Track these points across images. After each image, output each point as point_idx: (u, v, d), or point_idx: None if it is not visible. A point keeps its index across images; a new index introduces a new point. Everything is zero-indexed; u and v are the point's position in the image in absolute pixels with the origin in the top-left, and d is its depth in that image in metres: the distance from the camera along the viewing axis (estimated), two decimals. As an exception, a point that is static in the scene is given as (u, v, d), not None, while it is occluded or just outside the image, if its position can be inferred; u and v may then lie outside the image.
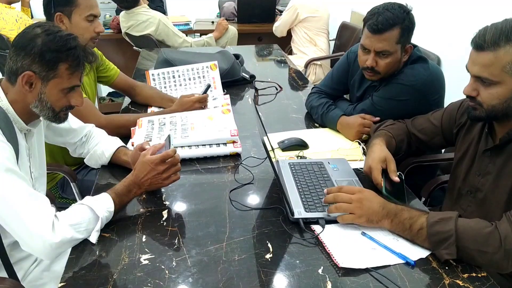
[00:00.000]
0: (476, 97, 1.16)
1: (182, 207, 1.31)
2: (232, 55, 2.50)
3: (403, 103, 1.66)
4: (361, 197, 1.18)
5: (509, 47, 1.07)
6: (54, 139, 1.50)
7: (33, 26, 1.19)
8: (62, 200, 1.90)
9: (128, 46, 3.72)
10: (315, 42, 3.80)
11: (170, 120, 1.73)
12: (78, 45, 1.20)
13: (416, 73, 1.65)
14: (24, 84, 1.15)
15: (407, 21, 1.58)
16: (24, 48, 1.15)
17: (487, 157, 1.27)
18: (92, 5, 1.70)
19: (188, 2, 5.41)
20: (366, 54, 1.64)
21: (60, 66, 1.17)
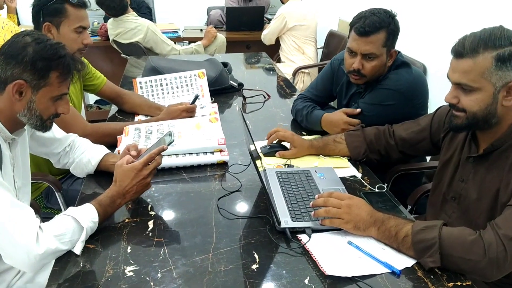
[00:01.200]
0: (457, 105, 1.18)
1: (168, 217, 1.29)
2: (220, 63, 2.50)
3: (389, 108, 1.69)
4: (350, 203, 1.19)
5: (487, 54, 1.10)
6: (38, 149, 1.48)
7: (22, 35, 1.18)
8: (47, 210, 1.87)
9: (116, 53, 3.70)
10: (303, 50, 3.83)
11: (157, 128, 1.72)
12: (67, 53, 1.21)
13: (401, 78, 1.68)
14: (15, 92, 1.14)
15: (392, 25, 1.63)
16: (15, 57, 1.14)
17: (470, 163, 1.28)
18: (82, 17, 1.70)
19: (177, 9, 5.42)
20: (353, 57, 1.67)
21: (51, 74, 1.17)
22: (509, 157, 1.17)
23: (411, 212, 1.70)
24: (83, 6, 1.70)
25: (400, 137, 1.57)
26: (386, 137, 1.59)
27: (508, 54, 1.08)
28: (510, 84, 1.10)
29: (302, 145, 1.61)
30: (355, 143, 1.61)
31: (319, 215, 1.21)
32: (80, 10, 1.69)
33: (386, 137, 1.59)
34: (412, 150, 1.58)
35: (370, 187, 1.45)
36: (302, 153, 1.62)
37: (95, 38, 3.90)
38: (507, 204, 1.10)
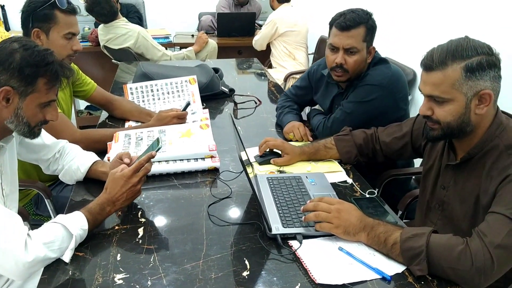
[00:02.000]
0: (432, 116, 1.20)
1: (158, 224, 1.29)
2: (212, 68, 2.50)
3: (372, 103, 1.74)
4: (340, 208, 1.20)
5: (456, 65, 1.12)
6: (27, 156, 1.47)
7: (9, 41, 1.17)
8: (36, 217, 1.85)
9: (106, 59, 3.69)
10: (294, 56, 3.84)
11: (148, 135, 1.71)
12: (55, 60, 1.20)
13: (380, 73, 1.75)
14: (1, 99, 1.13)
15: (371, 21, 1.72)
16: (2, 63, 1.13)
17: (450, 170, 1.30)
18: (71, 23, 1.69)
19: (168, 15, 5.42)
20: (335, 53, 1.74)
21: (38, 81, 1.16)
22: (485, 164, 1.19)
23: (402, 217, 1.71)
24: (72, 12, 1.69)
25: (384, 142, 1.60)
26: (372, 141, 1.62)
27: (476, 64, 1.11)
28: (481, 92, 1.13)
29: (293, 151, 1.62)
30: (346, 148, 1.62)
31: (309, 220, 1.21)
32: (70, 16, 1.68)
33: (372, 141, 1.62)
34: (395, 155, 1.61)
35: (361, 192, 1.46)
36: (295, 160, 1.63)
37: (86, 43, 3.88)
38: (489, 210, 1.12)
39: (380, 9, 3.11)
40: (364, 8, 1.76)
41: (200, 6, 5.23)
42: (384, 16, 3.06)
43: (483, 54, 1.11)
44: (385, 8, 3.10)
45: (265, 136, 1.90)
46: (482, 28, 2.17)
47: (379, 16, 1.73)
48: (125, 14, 3.74)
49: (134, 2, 4.89)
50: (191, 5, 5.40)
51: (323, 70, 1.94)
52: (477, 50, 1.11)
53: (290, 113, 2.00)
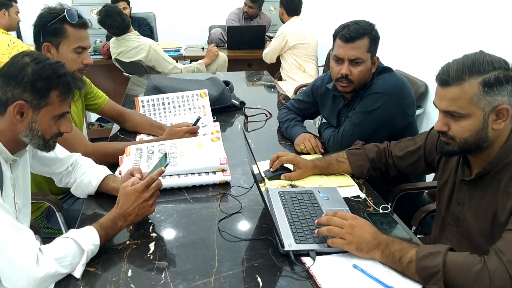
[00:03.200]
0: (448, 132, 1.18)
1: (170, 239, 1.28)
2: (222, 81, 2.51)
3: (379, 111, 1.74)
4: (353, 223, 1.18)
5: (473, 80, 1.11)
6: (39, 169, 1.47)
7: (21, 55, 1.18)
8: (47, 230, 1.85)
9: (118, 71, 3.72)
10: (304, 68, 3.84)
11: (159, 148, 1.71)
12: (67, 71, 1.20)
13: (385, 81, 1.77)
14: (16, 113, 1.14)
15: (374, 32, 1.74)
16: (15, 77, 1.13)
17: (465, 186, 1.28)
18: (82, 37, 1.68)
19: (179, 28, 5.47)
20: (340, 64, 1.75)
21: (51, 93, 1.16)
22: (502, 179, 1.17)
23: (416, 233, 1.68)
24: (83, 26, 1.68)
25: (396, 156, 1.58)
26: (385, 155, 1.60)
27: (494, 79, 1.09)
28: (499, 108, 1.11)
29: (306, 165, 1.61)
30: (359, 162, 1.61)
31: (321, 234, 1.20)
32: (80, 31, 1.68)
33: (385, 155, 1.60)
34: (408, 170, 1.59)
35: (375, 207, 1.44)
36: (307, 174, 1.61)
37: (98, 56, 3.93)
38: (506, 227, 1.09)
39: (391, 22, 3.12)
40: (376, 20, 1.76)
41: (210, 20, 5.27)
42: (395, 29, 3.06)
43: (500, 69, 1.10)
44: (396, 21, 3.10)
45: (276, 150, 1.91)
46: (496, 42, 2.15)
47: (390, 29, 1.73)
48: (136, 28, 3.78)
49: (145, 16, 4.95)
50: (202, 18, 5.44)
51: (328, 84, 1.94)
52: (494, 65, 1.10)
53: (297, 125, 2.00)
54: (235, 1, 5.00)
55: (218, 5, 5.34)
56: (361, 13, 3.68)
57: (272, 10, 5.45)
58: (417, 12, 2.87)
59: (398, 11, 3.10)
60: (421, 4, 2.82)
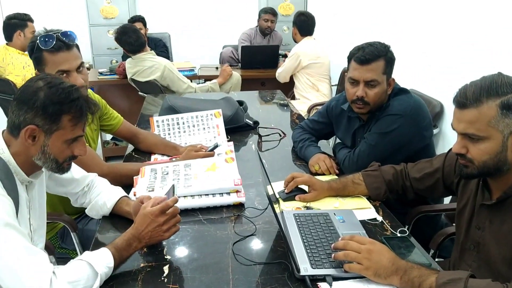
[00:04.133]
0: (466, 154, 1.16)
1: (184, 262, 1.26)
2: (236, 101, 2.52)
3: (396, 133, 1.72)
4: (371, 248, 1.15)
5: (491, 102, 1.09)
6: (56, 189, 1.48)
7: (35, 79, 1.19)
8: (61, 251, 1.85)
9: (133, 91, 3.77)
10: (317, 87, 3.85)
11: (173, 169, 1.71)
12: (80, 95, 1.20)
13: (402, 102, 1.74)
14: (27, 137, 1.15)
15: (389, 54, 1.73)
16: (27, 102, 1.14)
17: (485, 210, 1.25)
18: (59, 61, 1.58)
19: (193, 48, 5.54)
20: (355, 86, 1.74)
21: (63, 118, 1.17)
22: None
23: (434, 256, 1.64)
24: (60, 49, 1.58)
25: (414, 178, 1.55)
26: (402, 177, 1.58)
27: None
28: None
29: (321, 187, 1.59)
30: (375, 184, 1.58)
31: (338, 258, 1.17)
32: (57, 55, 1.58)
33: (402, 177, 1.58)
34: (426, 192, 1.56)
35: (392, 231, 1.41)
36: (322, 196, 1.59)
37: (113, 76, 3.99)
38: None
39: (405, 41, 3.11)
40: (388, 41, 1.75)
41: (224, 40, 5.33)
42: (410, 48, 3.05)
43: None
44: (411, 40, 3.10)
45: (290, 170, 1.90)
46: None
47: (405, 48, 1.73)
48: (153, 48, 3.84)
49: (161, 36, 5.04)
50: (215, 38, 5.51)
51: (343, 105, 1.93)
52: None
53: (312, 146, 1.99)
54: (248, 21, 5.07)
55: (232, 25, 5.41)
56: (374, 33, 3.69)
57: (285, 29, 5.50)
58: (432, 31, 2.86)
59: (412, 31, 3.10)
60: (436, 23, 2.82)
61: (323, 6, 4.93)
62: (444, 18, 2.72)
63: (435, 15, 2.82)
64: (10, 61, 3.41)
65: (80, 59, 1.65)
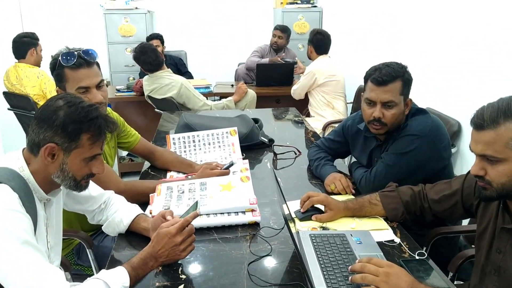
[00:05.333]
0: (485, 176, 1.15)
1: (199, 281, 1.26)
2: (252, 119, 2.53)
3: (413, 154, 1.70)
4: (389, 271, 1.13)
5: (508, 124, 1.08)
6: (73, 206, 1.50)
7: (55, 98, 1.22)
8: (77, 267, 1.86)
9: (149, 107, 3.82)
10: (332, 105, 3.84)
11: (189, 188, 1.71)
12: (100, 115, 1.22)
13: (420, 123, 1.73)
14: (47, 155, 1.17)
15: (406, 75, 1.72)
16: (47, 120, 1.17)
17: (506, 233, 1.22)
18: (79, 78, 1.62)
19: (209, 65, 5.60)
20: (372, 107, 1.73)
21: (82, 136, 1.19)
22: None
23: (453, 279, 1.60)
24: (80, 66, 1.62)
25: (432, 200, 1.53)
26: (420, 199, 1.56)
27: None
28: None
29: (337, 207, 1.58)
30: (392, 205, 1.56)
31: (355, 281, 1.15)
32: (78, 71, 1.61)
33: (420, 199, 1.56)
34: (445, 214, 1.54)
35: (410, 253, 1.38)
36: (338, 216, 1.58)
37: (131, 93, 4.04)
38: None
39: (422, 59, 3.10)
40: (404, 60, 1.75)
41: (239, 57, 5.38)
42: (427, 66, 3.04)
43: None
44: (427, 59, 3.09)
45: (305, 189, 1.89)
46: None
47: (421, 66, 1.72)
48: (174, 67, 3.90)
49: (177, 54, 5.11)
50: (230, 55, 5.57)
51: (359, 125, 1.92)
52: None
53: (328, 165, 1.97)
54: (263, 40, 5.11)
55: (247, 43, 5.46)
56: (390, 51, 3.69)
57: (300, 47, 5.53)
58: (449, 51, 2.85)
59: (428, 50, 3.09)
60: (452, 42, 2.80)
61: (338, 24, 4.96)
62: (461, 37, 2.71)
63: (452, 34, 2.80)
64: (24, 75, 3.53)
65: (100, 77, 1.69)
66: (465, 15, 2.68)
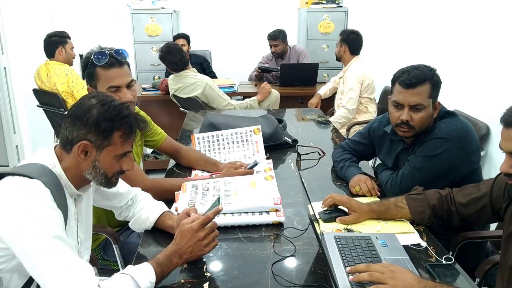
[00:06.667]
0: None
1: (224, 279, 1.27)
2: (276, 119, 2.53)
3: (442, 157, 1.67)
4: (393, 269, 1.14)
5: None
6: (101, 202, 1.53)
7: (88, 97, 1.25)
8: (103, 262, 1.90)
9: (174, 106, 3.86)
10: (366, 109, 3.74)
11: (214, 186, 1.73)
12: (130, 113, 1.25)
13: (449, 126, 1.70)
14: (80, 152, 1.20)
15: (435, 77, 1.69)
16: (81, 118, 1.20)
17: None
18: (110, 77, 1.65)
19: (233, 65, 5.62)
20: (399, 110, 1.71)
21: (114, 134, 1.22)
22: None
23: (480, 285, 1.57)
24: (112, 65, 1.65)
25: (460, 203, 1.51)
26: (448, 202, 1.53)
27: None
28: None
29: (361, 209, 1.56)
30: (419, 208, 1.54)
31: (363, 280, 1.14)
32: (109, 71, 1.65)
33: (448, 202, 1.53)
34: (472, 218, 1.52)
35: (437, 257, 1.36)
36: (363, 218, 1.56)
37: (156, 92, 4.10)
38: None
39: (448, 60, 3.04)
40: (430, 61, 1.72)
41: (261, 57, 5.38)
42: (454, 68, 2.98)
43: None
44: (453, 59, 3.03)
45: (329, 190, 1.88)
46: None
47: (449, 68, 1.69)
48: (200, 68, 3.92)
49: (202, 53, 5.15)
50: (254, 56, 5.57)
51: (386, 128, 1.90)
52: None
53: (353, 166, 1.96)
54: (287, 39, 5.09)
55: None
56: (415, 51, 3.63)
57: (324, 47, 5.50)
58: (476, 51, 2.79)
59: (454, 50, 3.03)
60: (479, 42, 2.74)
61: (364, 24, 4.91)
62: (490, 39, 2.65)
63: (480, 35, 2.74)
64: (54, 72, 3.62)
65: (131, 76, 1.73)
66: (494, 16, 2.62)
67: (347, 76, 3.68)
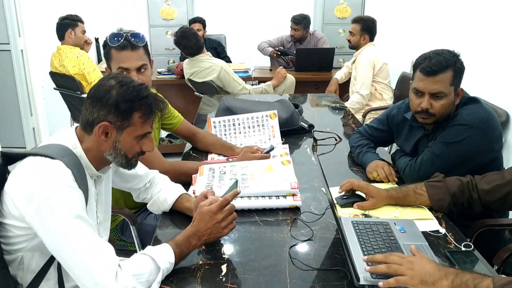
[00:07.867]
0: None
1: (241, 261, 1.28)
2: (292, 104, 2.52)
3: (463, 144, 1.64)
4: (411, 259, 1.13)
5: None
6: (120, 184, 1.54)
7: (107, 78, 1.25)
8: (120, 243, 1.93)
9: (189, 91, 3.86)
10: (382, 96, 3.71)
11: (231, 169, 1.73)
12: (150, 94, 1.25)
13: (472, 112, 1.66)
14: (101, 134, 1.20)
15: (458, 64, 1.64)
16: (100, 99, 1.20)
17: None
18: (121, 58, 1.68)
19: (248, 49, 5.58)
20: (420, 97, 1.67)
21: (134, 115, 1.22)
22: None
23: (498, 273, 1.56)
24: (124, 48, 1.68)
25: (483, 190, 1.48)
26: (469, 189, 1.51)
27: None
28: None
29: (379, 195, 1.55)
30: (439, 195, 1.52)
31: (381, 271, 1.13)
32: (120, 52, 1.68)
33: (469, 189, 1.51)
34: (495, 205, 1.49)
35: (456, 244, 1.35)
36: (381, 204, 1.55)
37: (171, 76, 4.10)
38: None
39: (467, 45, 2.98)
40: (449, 46, 1.67)
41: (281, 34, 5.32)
42: (473, 53, 2.92)
43: None
44: (474, 45, 2.96)
45: (346, 176, 1.87)
46: None
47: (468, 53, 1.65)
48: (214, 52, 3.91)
49: (217, 37, 5.12)
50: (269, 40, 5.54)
51: (406, 114, 1.87)
52: None
53: (370, 152, 1.94)
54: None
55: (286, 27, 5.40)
56: (433, 36, 3.56)
57: (340, 32, 5.43)
58: (497, 35, 2.72)
59: (474, 35, 2.96)
60: (500, 26, 2.67)
61: (381, 9, 4.82)
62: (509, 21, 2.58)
63: (498, 18, 2.67)
64: (65, 56, 3.63)
65: (143, 61, 1.72)
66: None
67: (358, 61, 3.66)
